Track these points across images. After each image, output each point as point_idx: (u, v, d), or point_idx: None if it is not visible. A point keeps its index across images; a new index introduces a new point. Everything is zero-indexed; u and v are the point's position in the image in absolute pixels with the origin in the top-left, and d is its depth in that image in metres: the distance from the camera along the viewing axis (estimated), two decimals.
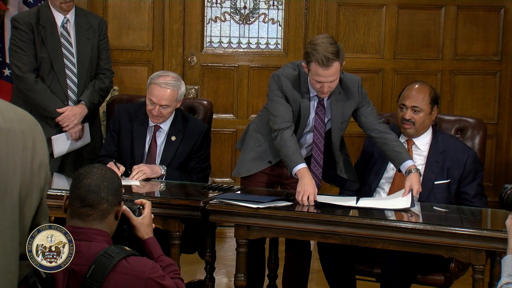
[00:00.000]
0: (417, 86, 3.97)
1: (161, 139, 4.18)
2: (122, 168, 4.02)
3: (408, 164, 3.76)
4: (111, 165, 3.94)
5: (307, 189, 3.62)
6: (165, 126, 4.18)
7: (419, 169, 3.75)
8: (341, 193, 4.08)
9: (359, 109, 4.01)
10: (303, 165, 3.74)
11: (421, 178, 3.82)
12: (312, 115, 3.96)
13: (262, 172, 4.07)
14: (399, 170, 3.82)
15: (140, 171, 4.00)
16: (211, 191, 3.84)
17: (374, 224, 3.37)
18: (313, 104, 3.95)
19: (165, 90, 4.06)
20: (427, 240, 3.30)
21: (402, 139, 3.98)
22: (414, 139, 3.96)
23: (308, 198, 3.60)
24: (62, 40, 4.50)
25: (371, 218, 3.43)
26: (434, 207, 3.75)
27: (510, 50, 6.32)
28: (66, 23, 4.51)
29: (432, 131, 3.99)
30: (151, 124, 4.18)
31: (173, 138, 4.16)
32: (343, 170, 4.08)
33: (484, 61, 6.34)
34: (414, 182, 3.68)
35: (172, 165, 4.13)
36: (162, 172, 4.08)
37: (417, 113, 3.89)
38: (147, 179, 4.02)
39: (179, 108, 4.22)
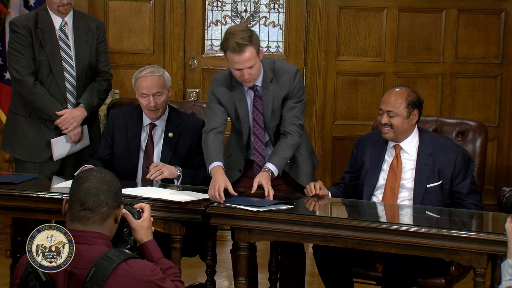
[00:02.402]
0: (396, 90, 3.94)
1: (157, 137, 4.20)
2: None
3: (267, 165, 3.81)
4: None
5: (214, 185, 3.65)
6: (161, 124, 4.20)
7: (271, 171, 3.78)
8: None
9: (286, 100, 3.98)
10: (216, 163, 3.79)
11: (413, 183, 3.83)
12: (251, 108, 3.98)
13: (246, 176, 4.06)
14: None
15: (158, 170, 3.99)
16: None
17: (375, 227, 3.36)
18: (250, 97, 3.98)
19: (151, 78, 4.13)
20: (428, 243, 3.29)
21: (390, 145, 3.97)
22: (401, 144, 3.94)
23: (219, 194, 3.61)
24: (61, 43, 4.50)
25: (372, 221, 3.42)
26: (427, 212, 3.74)
27: (511, 53, 6.32)
28: (64, 26, 4.51)
29: (418, 134, 3.96)
30: (145, 123, 4.21)
31: (170, 134, 4.18)
32: (293, 171, 4.07)
33: (485, 64, 6.33)
34: (262, 178, 3.73)
35: (173, 162, 4.13)
36: (179, 173, 4.08)
37: (393, 118, 3.87)
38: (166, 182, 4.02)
39: (172, 106, 4.24)
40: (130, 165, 4.15)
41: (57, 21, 4.51)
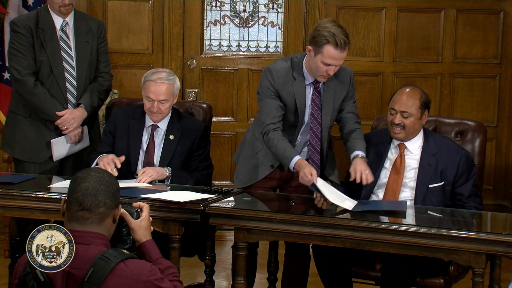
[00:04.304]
0: (407, 90, 3.92)
1: (159, 138, 4.20)
2: (122, 158, 4.03)
3: (356, 152, 3.86)
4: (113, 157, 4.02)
5: (307, 171, 3.70)
6: (163, 125, 4.20)
7: (364, 156, 3.86)
8: None
9: (344, 101, 4.05)
10: (297, 158, 3.80)
11: (415, 182, 3.82)
12: (309, 102, 3.97)
13: (268, 178, 4.09)
14: (350, 159, 3.90)
15: (146, 174, 4.00)
16: (211, 194, 3.83)
17: (374, 227, 3.36)
18: (309, 91, 3.98)
19: (160, 85, 4.10)
20: (427, 243, 3.29)
21: (394, 144, 3.97)
22: (406, 143, 3.94)
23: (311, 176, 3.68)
24: (61, 43, 4.49)
25: (371, 221, 3.42)
26: (429, 212, 3.75)
27: (510, 53, 6.32)
28: (65, 26, 4.51)
29: (423, 134, 3.97)
30: (148, 124, 4.20)
31: (171, 137, 4.18)
32: (328, 170, 4.12)
33: (484, 64, 6.34)
34: (357, 164, 3.78)
35: (172, 163, 4.14)
36: (168, 173, 4.08)
37: (407, 118, 3.87)
38: (153, 182, 4.02)
39: (175, 108, 4.24)
40: (130, 165, 4.15)
41: (58, 21, 4.50)
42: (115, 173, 3.92)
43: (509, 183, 6.31)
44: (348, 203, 3.63)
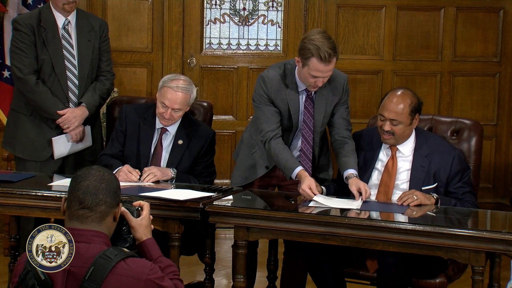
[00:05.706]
0: (398, 94, 3.84)
1: (167, 142, 4.18)
2: (138, 172, 4.01)
3: (349, 171, 3.84)
4: (127, 167, 3.98)
5: (306, 185, 3.71)
6: (172, 129, 4.18)
7: (357, 175, 3.83)
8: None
9: (336, 106, 4.04)
10: (299, 169, 3.83)
11: (408, 184, 3.84)
12: (302, 108, 3.97)
13: (268, 176, 4.09)
14: (342, 175, 3.88)
15: (151, 173, 3.99)
16: (210, 193, 3.83)
17: (374, 225, 3.37)
18: (302, 98, 3.99)
19: (178, 93, 4.06)
20: (427, 242, 3.29)
21: (386, 146, 3.95)
22: (397, 146, 3.91)
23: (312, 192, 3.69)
24: (63, 42, 4.49)
25: (371, 220, 3.43)
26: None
27: (509, 51, 6.33)
28: (67, 25, 4.51)
29: (415, 135, 3.93)
30: (158, 126, 4.19)
31: (180, 142, 4.17)
32: (320, 172, 4.14)
33: (484, 62, 6.34)
34: (359, 184, 3.74)
35: (179, 168, 4.13)
36: (173, 175, 4.08)
37: (396, 126, 3.82)
38: (157, 181, 4.02)
39: (186, 113, 4.22)
40: (138, 166, 4.12)
41: (60, 20, 4.49)
42: (138, 176, 3.96)
43: (509, 181, 6.31)
44: (356, 204, 3.64)
